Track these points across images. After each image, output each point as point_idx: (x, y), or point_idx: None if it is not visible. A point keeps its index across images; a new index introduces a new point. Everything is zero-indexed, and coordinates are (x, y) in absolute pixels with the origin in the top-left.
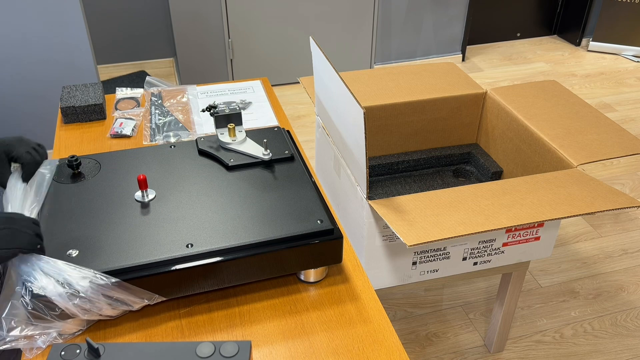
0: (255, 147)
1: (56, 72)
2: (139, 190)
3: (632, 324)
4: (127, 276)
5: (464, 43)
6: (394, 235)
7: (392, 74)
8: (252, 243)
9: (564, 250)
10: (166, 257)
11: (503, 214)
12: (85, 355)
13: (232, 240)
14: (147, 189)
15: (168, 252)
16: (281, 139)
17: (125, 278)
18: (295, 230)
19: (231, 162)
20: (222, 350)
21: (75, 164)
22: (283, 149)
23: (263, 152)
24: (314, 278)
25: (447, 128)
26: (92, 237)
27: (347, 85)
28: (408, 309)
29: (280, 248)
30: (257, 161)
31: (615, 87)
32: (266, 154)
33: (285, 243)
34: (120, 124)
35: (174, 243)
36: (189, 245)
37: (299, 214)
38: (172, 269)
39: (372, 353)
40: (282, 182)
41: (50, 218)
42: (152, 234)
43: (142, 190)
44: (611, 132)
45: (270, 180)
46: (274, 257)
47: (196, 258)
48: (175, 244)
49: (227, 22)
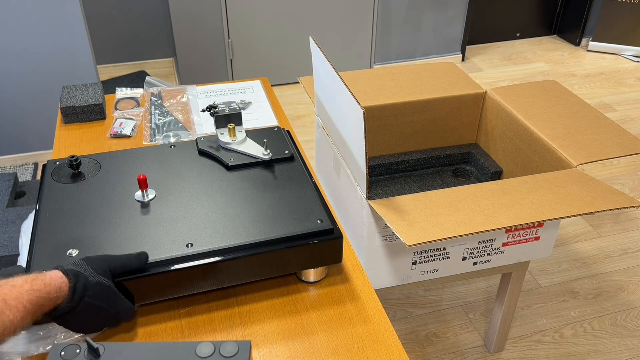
0: (255, 147)
1: (56, 72)
2: (139, 190)
3: (631, 324)
4: (127, 276)
5: (463, 43)
6: (394, 235)
7: (392, 73)
8: (252, 243)
9: (563, 250)
10: (166, 257)
11: (503, 214)
12: (85, 355)
13: (232, 240)
14: (147, 189)
15: (168, 252)
16: (281, 139)
17: (125, 278)
18: (295, 230)
19: (231, 162)
20: (221, 350)
21: (75, 164)
22: (283, 149)
23: (263, 152)
24: (314, 278)
25: (446, 128)
26: (92, 237)
27: (346, 85)
28: (408, 309)
29: (280, 248)
30: (257, 161)
31: (615, 87)
32: (266, 154)
33: (285, 243)
34: (120, 124)
35: (174, 243)
36: (189, 245)
37: (299, 214)
38: (172, 268)
39: (371, 353)
40: (282, 182)
41: (50, 217)
42: (152, 234)
43: (142, 190)
44: (611, 132)
45: (270, 180)
46: (274, 257)
47: (196, 258)
48: (175, 243)
49: (227, 22)
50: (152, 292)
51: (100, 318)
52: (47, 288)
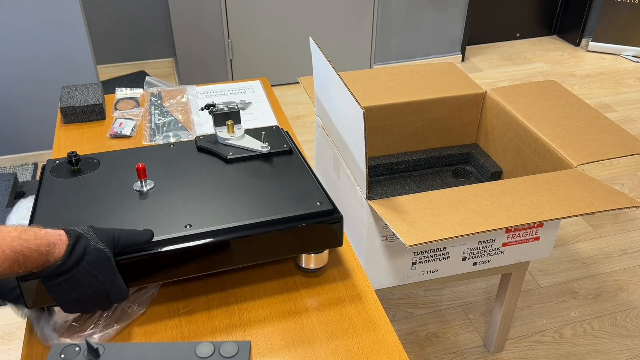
0: (253, 142)
1: (56, 72)
2: (137, 181)
3: (631, 324)
4: (126, 257)
5: (463, 43)
6: (394, 235)
7: (392, 74)
8: (252, 223)
9: (563, 250)
10: (165, 237)
11: (503, 214)
12: (84, 355)
13: (232, 221)
14: (146, 179)
15: (166, 233)
16: (279, 136)
17: (125, 259)
18: (295, 211)
19: (229, 155)
20: (221, 351)
21: (75, 160)
22: (281, 144)
23: (261, 145)
24: (315, 265)
25: (446, 128)
26: (90, 223)
27: (346, 85)
28: (408, 309)
29: (280, 228)
30: (255, 154)
31: (615, 87)
32: (264, 147)
33: (285, 224)
34: (120, 124)
35: (172, 225)
36: (188, 226)
37: (298, 197)
38: (170, 248)
39: (371, 353)
40: (280, 171)
41: (48, 208)
42: (150, 218)
43: (140, 180)
44: (611, 132)
45: (269, 171)
46: (274, 238)
47: (195, 238)
48: (174, 226)
49: (226, 22)
50: (150, 274)
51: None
52: (37, 240)
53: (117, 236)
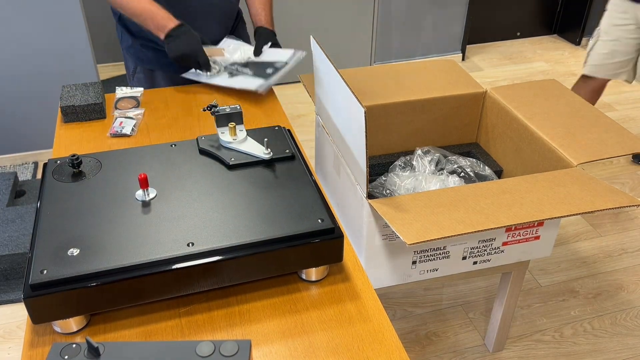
0: (256, 146)
1: (56, 71)
2: (139, 189)
3: (631, 323)
4: (128, 275)
5: (463, 42)
6: (394, 234)
7: (392, 72)
8: (253, 242)
9: (563, 249)
10: (167, 256)
11: (503, 213)
12: (85, 355)
13: (233, 239)
14: (148, 188)
15: (169, 251)
16: (282, 138)
17: (126, 277)
18: (296, 229)
19: (232, 161)
20: (221, 350)
21: (76, 163)
22: (284, 148)
23: (264, 151)
24: (316, 277)
25: (447, 127)
26: (93, 236)
27: (347, 84)
28: (408, 308)
29: (281, 247)
30: (257, 160)
31: (615, 86)
32: (267, 153)
33: (286, 242)
34: (120, 123)
35: (174, 242)
36: (190, 244)
37: (299, 213)
38: (172, 267)
39: (371, 352)
40: (282, 181)
41: (50, 217)
42: (153, 233)
43: (143, 190)
44: (611, 131)
45: (271, 179)
46: (275, 256)
47: (197, 257)
48: (176, 243)
49: None
50: (152, 292)
51: (190, 50)
52: None
53: None
